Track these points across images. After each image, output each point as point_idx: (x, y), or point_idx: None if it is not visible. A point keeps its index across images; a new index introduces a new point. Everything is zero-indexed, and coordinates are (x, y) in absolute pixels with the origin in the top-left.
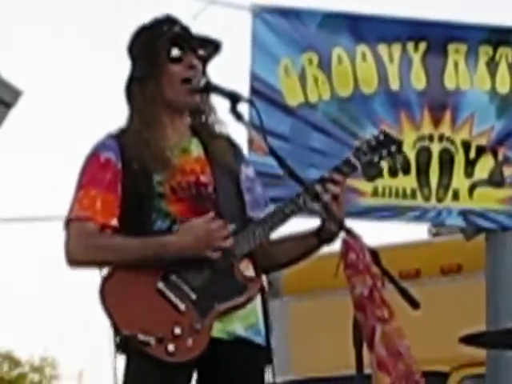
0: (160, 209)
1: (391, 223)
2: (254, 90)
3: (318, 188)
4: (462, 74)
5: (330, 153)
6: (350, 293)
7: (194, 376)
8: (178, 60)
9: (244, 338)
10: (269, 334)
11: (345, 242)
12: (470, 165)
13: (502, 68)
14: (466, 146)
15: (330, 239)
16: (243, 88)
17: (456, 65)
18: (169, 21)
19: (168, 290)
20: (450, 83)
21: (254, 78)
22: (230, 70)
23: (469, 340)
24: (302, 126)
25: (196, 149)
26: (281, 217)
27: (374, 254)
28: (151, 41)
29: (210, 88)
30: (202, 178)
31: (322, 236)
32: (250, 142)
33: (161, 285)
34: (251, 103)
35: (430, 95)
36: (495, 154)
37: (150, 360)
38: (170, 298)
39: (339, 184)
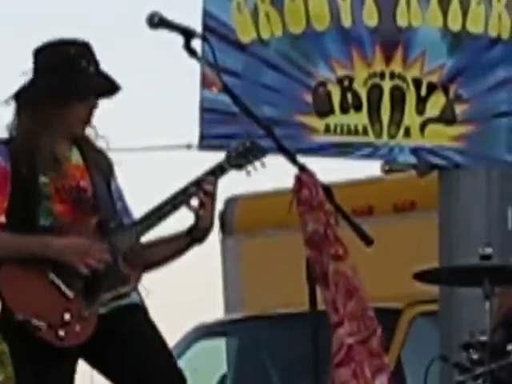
0: (45, 208)
1: (343, 160)
2: (206, 27)
3: (193, 190)
4: (414, 10)
5: (282, 90)
6: (302, 230)
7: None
8: None
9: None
10: None
11: (298, 179)
12: (421, 102)
13: (454, 5)
14: (417, 83)
15: (201, 238)
16: (196, 25)
17: (408, 1)
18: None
19: (58, 279)
20: (401, 20)
21: (207, 14)
22: (183, 7)
23: (422, 277)
24: (254, 63)
25: (75, 157)
26: (158, 216)
27: (328, 190)
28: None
29: (163, 24)
30: (82, 183)
31: (194, 235)
32: (204, 78)
33: (52, 275)
34: (205, 39)
35: (381, 32)
36: (446, 92)
37: (38, 344)
38: (60, 287)
39: (212, 185)
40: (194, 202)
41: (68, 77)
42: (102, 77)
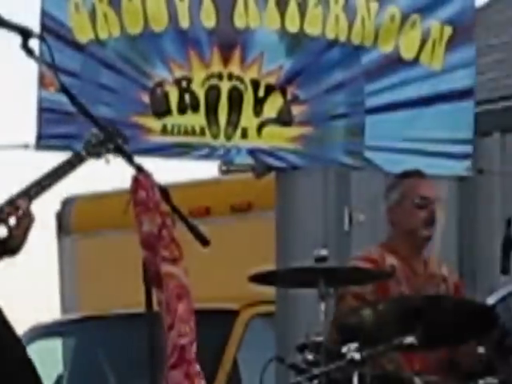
0: None
1: (181, 161)
2: (44, 27)
3: (10, 209)
4: (252, 12)
5: (119, 90)
6: (138, 231)
7: None
8: None
9: None
10: None
11: (135, 180)
12: (258, 103)
13: (292, 6)
14: (255, 84)
15: (11, 254)
16: (34, 25)
17: (246, 3)
18: None
19: None
20: (239, 21)
21: (45, 14)
22: (21, 6)
23: (258, 278)
24: (92, 63)
25: None
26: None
27: (164, 191)
28: None
29: (0, 23)
30: None
31: (8, 245)
32: (41, 78)
33: None
34: (42, 39)
35: (219, 33)
36: (284, 93)
37: None
38: None
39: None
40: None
41: None
42: None
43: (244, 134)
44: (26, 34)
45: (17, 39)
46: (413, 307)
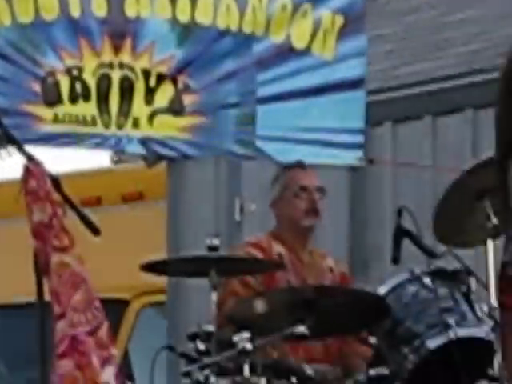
0: None
1: (72, 150)
2: None
3: None
4: (143, 1)
5: (11, 79)
6: (29, 220)
7: None
8: None
9: None
10: None
11: (26, 169)
12: (149, 93)
13: None
14: (146, 73)
15: None
16: None
17: None
18: None
19: None
20: (130, 11)
21: None
22: None
23: (149, 267)
24: None
25: None
26: None
27: (55, 180)
28: None
29: None
30: None
31: None
32: None
33: None
34: None
35: (110, 23)
36: (175, 82)
37: None
38: None
39: None
40: None
41: None
42: None
43: (135, 124)
44: None
45: None
46: (304, 297)
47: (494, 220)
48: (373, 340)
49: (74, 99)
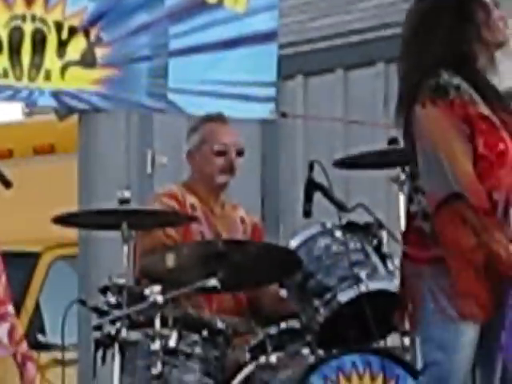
0: None
1: None
2: None
3: None
4: None
5: None
6: None
7: None
8: None
9: None
10: None
11: None
12: (62, 45)
13: None
14: (59, 26)
15: None
16: None
17: None
18: None
19: None
20: None
21: None
22: None
23: (61, 220)
24: None
25: None
26: None
27: None
28: None
29: None
30: None
31: None
32: None
33: None
34: None
35: None
36: (87, 35)
37: None
38: None
39: None
40: None
41: None
42: None
43: (47, 76)
44: None
45: None
46: (215, 250)
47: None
48: (284, 293)
49: None
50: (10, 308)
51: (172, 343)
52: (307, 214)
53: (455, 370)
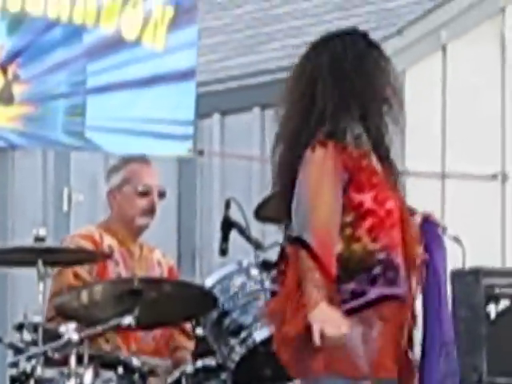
0: None
1: None
2: None
3: None
4: None
5: None
6: None
7: None
8: None
9: None
10: None
11: None
12: None
13: None
14: None
15: None
16: None
17: None
18: None
19: None
20: None
21: None
22: None
23: None
24: None
25: None
26: None
27: None
28: None
29: None
30: None
31: None
32: None
33: None
34: None
35: None
36: (5, 72)
37: None
38: None
39: None
40: None
41: None
42: None
43: None
44: None
45: None
46: (131, 288)
47: None
48: (200, 331)
49: None
50: None
51: (87, 381)
52: (223, 252)
53: None
